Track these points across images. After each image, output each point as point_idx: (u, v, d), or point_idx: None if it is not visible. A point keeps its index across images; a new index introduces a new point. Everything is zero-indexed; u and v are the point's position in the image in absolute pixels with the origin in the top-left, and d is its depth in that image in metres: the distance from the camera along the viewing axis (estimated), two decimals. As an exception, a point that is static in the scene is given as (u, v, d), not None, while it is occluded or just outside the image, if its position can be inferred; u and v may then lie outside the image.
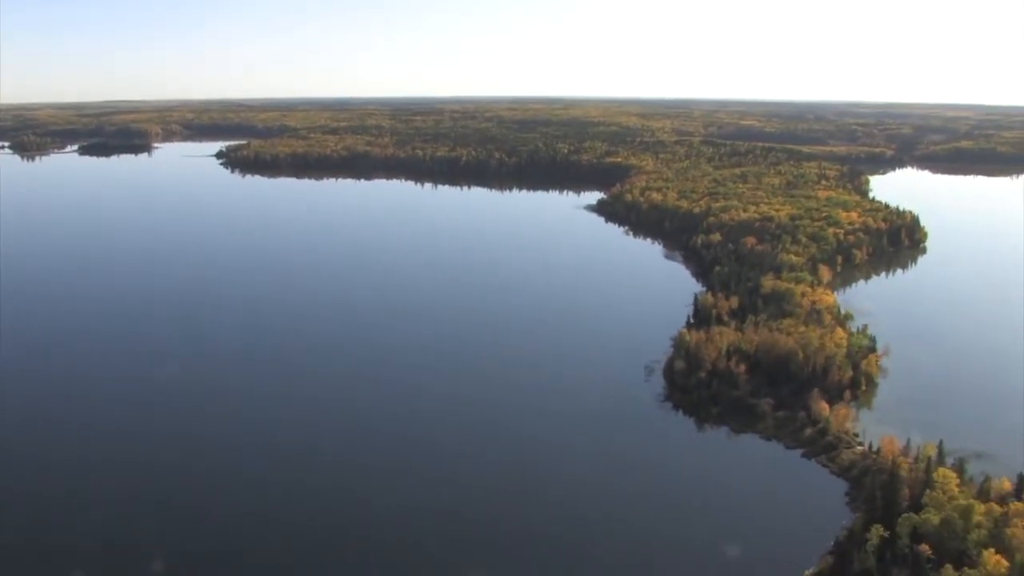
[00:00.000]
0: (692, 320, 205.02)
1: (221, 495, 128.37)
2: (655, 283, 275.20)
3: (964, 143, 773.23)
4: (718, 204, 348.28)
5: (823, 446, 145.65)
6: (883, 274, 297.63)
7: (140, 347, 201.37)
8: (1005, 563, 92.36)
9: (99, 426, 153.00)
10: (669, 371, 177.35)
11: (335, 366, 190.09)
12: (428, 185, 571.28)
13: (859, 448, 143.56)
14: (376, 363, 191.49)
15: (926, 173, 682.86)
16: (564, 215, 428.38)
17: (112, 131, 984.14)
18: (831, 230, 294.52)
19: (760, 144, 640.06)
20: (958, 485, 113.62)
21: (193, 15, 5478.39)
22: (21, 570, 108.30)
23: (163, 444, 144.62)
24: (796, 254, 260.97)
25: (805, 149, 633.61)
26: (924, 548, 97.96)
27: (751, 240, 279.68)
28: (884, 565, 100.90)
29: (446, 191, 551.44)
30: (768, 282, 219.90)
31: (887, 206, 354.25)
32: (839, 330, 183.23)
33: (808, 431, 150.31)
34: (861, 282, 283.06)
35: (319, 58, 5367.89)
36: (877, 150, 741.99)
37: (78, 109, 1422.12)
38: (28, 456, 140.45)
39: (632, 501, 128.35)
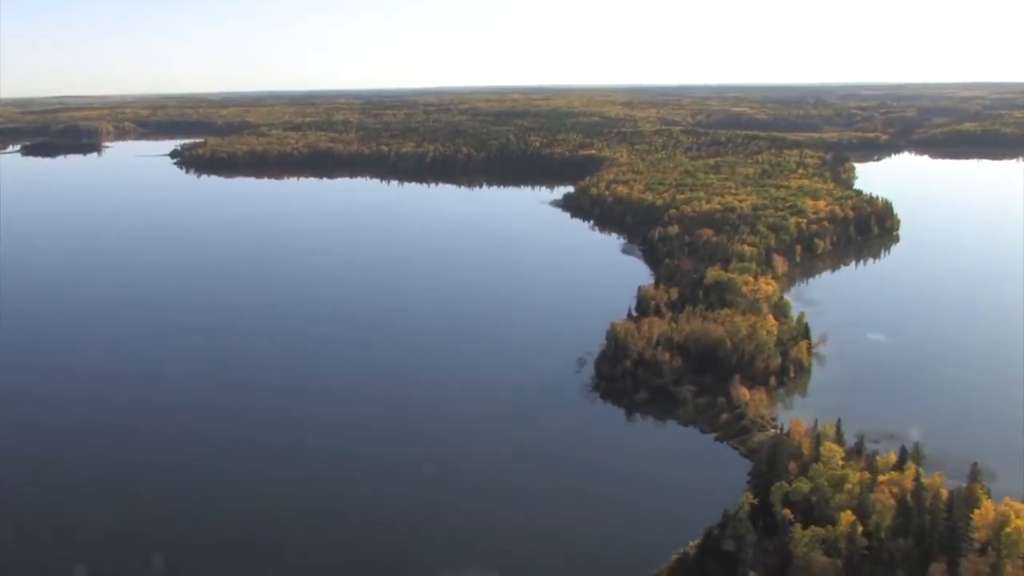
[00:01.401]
0: (633, 312, 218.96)
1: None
2: (609, 277, 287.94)
3: (967, 125, 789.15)
4: (682, 196, 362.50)
5: (738, 430, 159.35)
6: (849, 263, 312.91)
7: (91, 355, 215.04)
8: (850, 519, 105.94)
9: (72, 439, 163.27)
10: (600, 361, 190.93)
11: (289, 356, 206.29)
12: (393, 183, 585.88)
13: (772, 431, 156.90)
14: (316, 353, 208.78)
15: (924, 158, 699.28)
16: (529, 211, 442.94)
17: (59, 130, 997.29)
18: (793, 220, 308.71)
19: (743, 132, 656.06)
20: (843, 458, 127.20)
21: (149, 3, 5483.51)
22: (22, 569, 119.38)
23: (136, 451, 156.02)
24: (752, 245, 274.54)
25: (792, 136, 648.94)
26: (787, 513, 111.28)
27: (708, 232, 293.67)
28: (759, 531, 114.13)
29: (411, 189, 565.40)
30: (712, 273, 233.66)
31: (859, 194, 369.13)
32: (770, 318, 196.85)
33: (725, 416, 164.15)
34: (825, 272, 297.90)
35: (287, 48, 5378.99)
36: (871, 135, 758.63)
37: (22, 106, 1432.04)
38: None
39: (538, 484, 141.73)
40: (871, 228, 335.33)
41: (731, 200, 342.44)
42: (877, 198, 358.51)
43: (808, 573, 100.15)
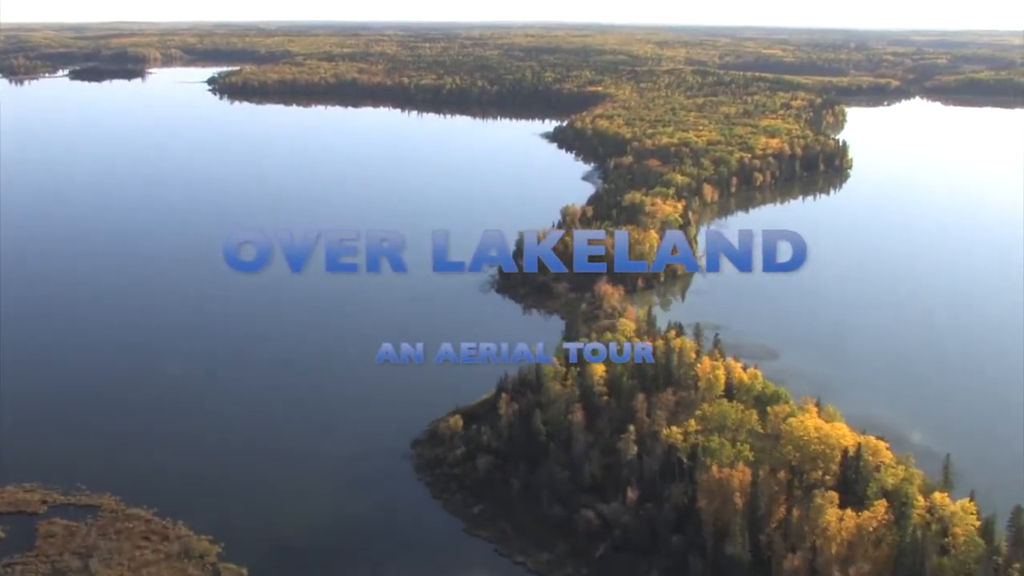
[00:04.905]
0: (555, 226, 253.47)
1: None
2: (559, 200, 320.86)
3: (984, 74, 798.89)
4: (651, 131, 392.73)
5: (591, 317, 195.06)
6: (796, 198, 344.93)
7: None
8: (600, 371, 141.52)
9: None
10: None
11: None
12: (413, 113, 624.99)
13: (618, 318, 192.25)
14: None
15: (936, 105, 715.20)
16: (520, 142, 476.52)
17: (108, 55, 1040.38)
18: (737, 154, 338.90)
19: (751, 74, 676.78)
20: (635, 330, 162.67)
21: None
22: None
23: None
24: (689, 176, 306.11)
25: (798, 79, 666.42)
26: (556, 360, 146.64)
27: (654, 162, 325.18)
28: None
29: (427, 119, 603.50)
30: (629, 196, 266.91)
31: (816, 134, 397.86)
32: (652, 233, 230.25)
33: (585, 307, 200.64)
34: (766, 204, 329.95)
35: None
36: (883, 81, 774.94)
37: (77, 31, 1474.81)
38: None
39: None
40: (818, 166, 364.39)
41: (691, 136, 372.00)
42: (832, 139, 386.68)
43: (549, 398, 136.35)
